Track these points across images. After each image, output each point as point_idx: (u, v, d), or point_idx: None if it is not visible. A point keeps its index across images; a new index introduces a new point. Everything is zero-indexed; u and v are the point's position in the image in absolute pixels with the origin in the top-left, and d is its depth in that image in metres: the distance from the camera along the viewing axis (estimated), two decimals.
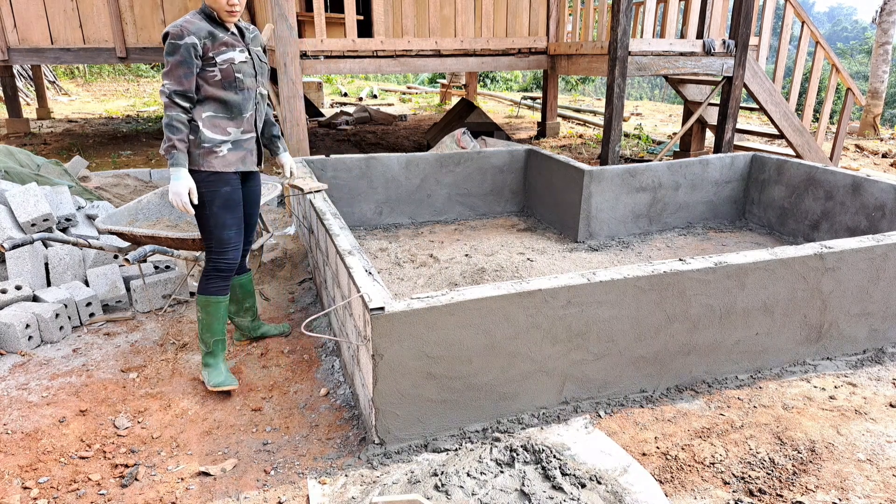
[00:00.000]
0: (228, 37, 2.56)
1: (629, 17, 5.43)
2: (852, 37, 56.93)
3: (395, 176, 5.06)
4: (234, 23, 2.61)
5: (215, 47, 2.51)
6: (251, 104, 2.68)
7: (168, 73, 2.48)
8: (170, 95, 2.47)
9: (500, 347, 2.37)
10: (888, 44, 10.49)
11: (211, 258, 2.71)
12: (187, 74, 2.47)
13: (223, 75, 2.54)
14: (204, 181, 2.58)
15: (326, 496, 2.11)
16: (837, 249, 2.82)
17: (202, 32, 2.48)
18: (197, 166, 2.56)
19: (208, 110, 2.57)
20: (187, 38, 2.43)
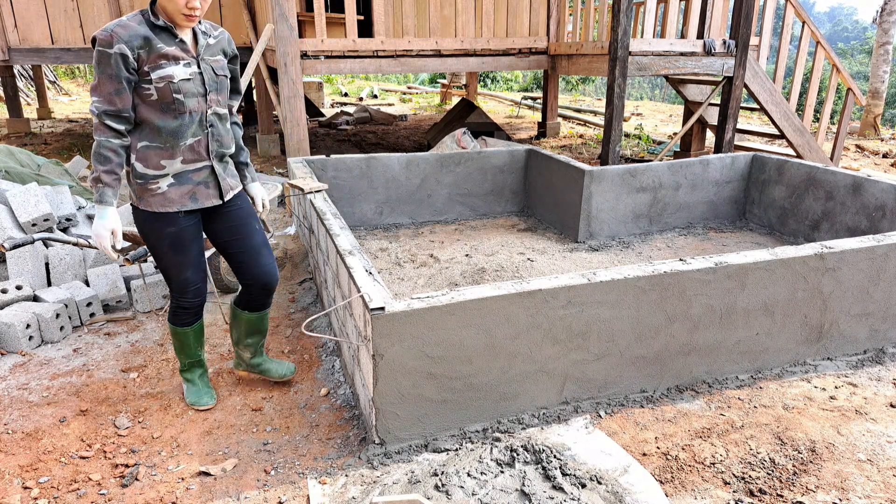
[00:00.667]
0: (172, 46, 2.14)
1: (629, 17, 5.43)
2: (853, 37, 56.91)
3: (395, 176, 5.07)
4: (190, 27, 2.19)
5: (151, 60, 2.09)
6: (193, 129, 2.24)
7: (96, 87, 2.07)
8: (99, 115, 2.08)
9: (500, 347, 2.37)
10: (889, 44, 10.48)
11: (174, 298, 2.48)
12: (119, 90, 2.07)
13: (159, 95, 2.13)
14: (145, 220, 2.25)
15: (327, 496, 2.11)
16: (838, 249, 2.82)
17: (136, 41, 2.06)
18: (136, 203, 2.25)
19: (143, 139, 2.18)
20: (116, 45, 2.02)
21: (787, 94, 6.81)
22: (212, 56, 2.27)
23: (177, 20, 2.11)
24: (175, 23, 2.14)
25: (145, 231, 2.28)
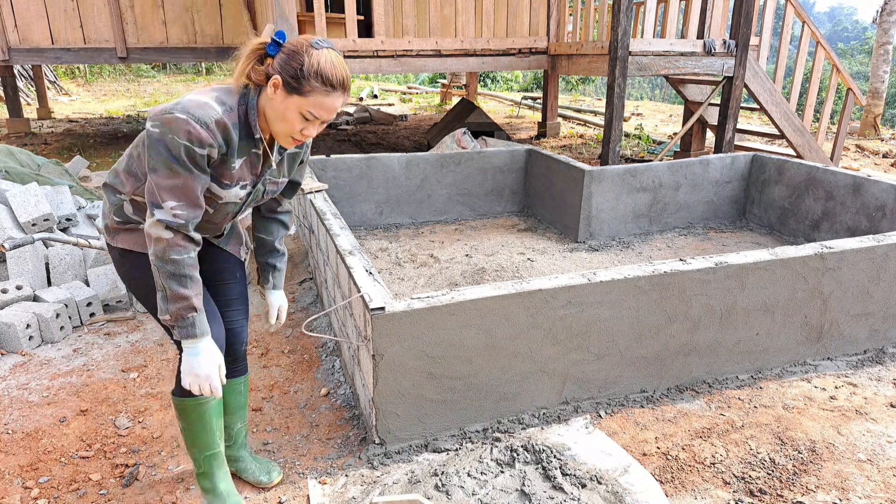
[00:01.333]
0: (244, 164, 1.69)
1: (629, 17, 5.43)
2: (853, 37, 56.90)
3: (395, 176, 5.07)
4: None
5: (217, 169, 1.65)
6: (223, 215, 1.82)
7: (174, 190, 1.54)
8: (179, 227, 1.57)
9: (500, 347, 2.37)
10: (889, 44, 10.48)
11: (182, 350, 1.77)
12: (203, 188, 1.61)
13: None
14: (121, 257, 1.79)
15: (327, 496, 2.11)
16: (838, 249, 2.82)
17: (225, 146, 1.61)
18: (108, 239, 1.79)
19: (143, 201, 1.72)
20: (208, 148, 1.56)
21: (787, 94, 6.81)
22: (275, 177, 1.82)
23: (278, 140, 1.67)
24: (272, 139, 1.73)
25: (126, 271, 1.79)
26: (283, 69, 1.55)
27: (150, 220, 1.57)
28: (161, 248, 1.57)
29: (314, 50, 1.55)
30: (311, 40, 1.58)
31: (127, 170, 1.73)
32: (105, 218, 1.79)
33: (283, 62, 1.56)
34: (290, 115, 1.59)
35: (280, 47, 1.57)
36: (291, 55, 1.55)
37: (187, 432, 1.91)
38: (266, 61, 1.59)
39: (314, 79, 1.54)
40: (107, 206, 1.79)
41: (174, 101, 1.57)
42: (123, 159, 1.76)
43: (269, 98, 1.59)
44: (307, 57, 1.54)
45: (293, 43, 1.58)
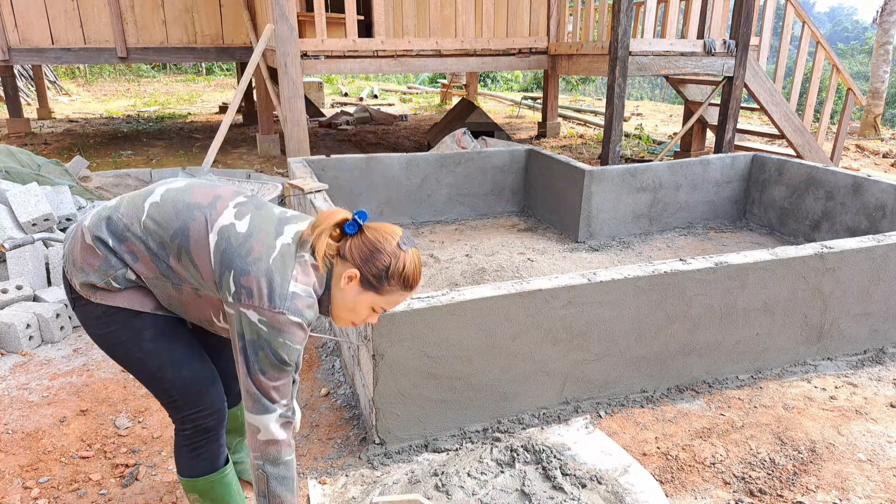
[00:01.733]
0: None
1: (629, 17, 5.43)
2: (853, 37, 56.89)
3: (395, 176, 5.07)
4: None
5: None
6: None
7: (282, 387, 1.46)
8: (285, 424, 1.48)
9: (500, 347, 2.37)
10: (889, 44, 10.48)
11: (187, 420, 1.65)
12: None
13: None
14: (107, 315, 1.53)
15: (327, 496, 2.11)
16: (838, 249, 2.82)
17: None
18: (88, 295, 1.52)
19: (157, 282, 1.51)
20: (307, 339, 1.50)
21: (787, 94, 6.81)
22: None
23: (336, 320, 1.58)
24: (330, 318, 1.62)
25: (104, 330, 1.54)
26: (365, 265, 1.46)
27: (266, 419, 1.43)
28: (276, 451, 1.47)
29: (401, 252, 1.47)
30: (397, 237, 1.48)
31: (155, 262, 1.48)
32: (90, 275, 1.48)
33: (364, 257, 1.46)
34: (360, 308, 1.52)
35: (360, 230, 1.47)
36: (376, 253, 1.45)
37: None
38: (341, 239, 1.49)
39: (396, 282, 1.48)
40: (97, 265, 1.49)
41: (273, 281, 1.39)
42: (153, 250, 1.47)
43: (339, 286, 1.49)
44: (394, 260, 1.46)
45: (378, 239, 1.47)
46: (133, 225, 1.48)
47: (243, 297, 1.39)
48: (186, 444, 1.67)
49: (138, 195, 1.54)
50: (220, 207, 1.49)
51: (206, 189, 1.54)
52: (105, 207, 1.54)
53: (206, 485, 1.69)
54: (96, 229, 1.50)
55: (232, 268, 1.40)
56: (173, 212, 1.48)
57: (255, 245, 1.42)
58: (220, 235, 1.44)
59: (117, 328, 1.53)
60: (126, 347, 1.55)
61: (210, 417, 1.66)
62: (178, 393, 1.61)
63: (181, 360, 1.60)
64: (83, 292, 1.51)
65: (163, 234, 1.46)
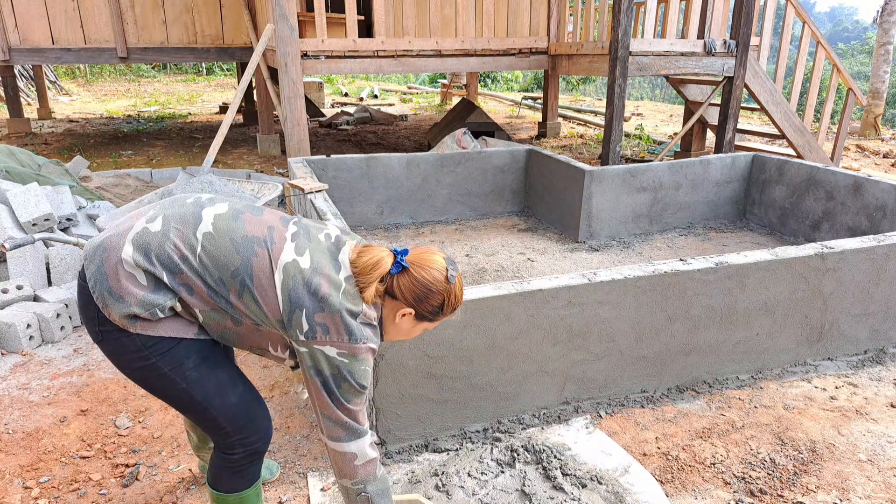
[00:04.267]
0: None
1: (630, 17, 5.43)
2: (853, 37, 56.88)
3: (395, 176, 5.07)
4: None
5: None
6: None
7: (363, 411, 1.50)
8: (374, 443, 1.58)
9: (500, 347, 2.37)
10: (889, 44, 10.48)
11: (236, 446, 1.61)
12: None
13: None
14: (147, 348, 1.45)
15: (327, 496, 2.11)
16: (838, 250, 2.81)
17: None
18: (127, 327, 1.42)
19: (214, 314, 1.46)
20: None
21: (787, 95, 6.81)
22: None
23: (385, 338, 1.60)
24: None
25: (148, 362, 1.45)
26: (419, 305, 1.49)
27: (362, 443, 1.48)
28: (374, 470, 1.51)
29: (451, 286, 1.51)
30: (444, 270, 1.50)
31: (213, 297, 1.43)
32: (132, 307, 1.39)
33: (418, 298, 1.48)
34: (413, 333, 1.59)
35: (404, 269, 1.49)
36: (429, 294, 1.49)
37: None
38: (387, 279, 1.49)
39: (448, 311, 1.54)
40: (141, 295, 1.39)
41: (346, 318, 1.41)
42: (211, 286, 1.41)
43: (393, 319, 1.53)
44: (447, 297, 1.51)
45: (427, 279, 1.48)
46: (188, 258, 1.40)
47: (319, 334, 1.39)
48: (231, 466, 1.63)
49: (185, 222, 1.43)
50: (278, 242, 1.45)
51: (254, 217, 1.49)
52: (146, 232, 1.40)
53: (239, 500, 1.68)
54: (144, 261, 1.38)
55: (304, 306, 1.39)
56: (231, 247, 1.41)
57: (322, 282, 1.41)
58: (286, 273, 1.40)
59: (157, 360, 1.45)
60: (169, 380, 1.47)
61: (259, 442, 1.64)
62: (226, 421, 1.56)
63: (227, 385, 1.56)
64: (121, 323, 1.40)
65: (222, 270, 1.41)
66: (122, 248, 1.39)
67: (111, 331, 1.42)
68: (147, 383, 1.50)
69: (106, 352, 1.46)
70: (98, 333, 1.44)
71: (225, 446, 1.61)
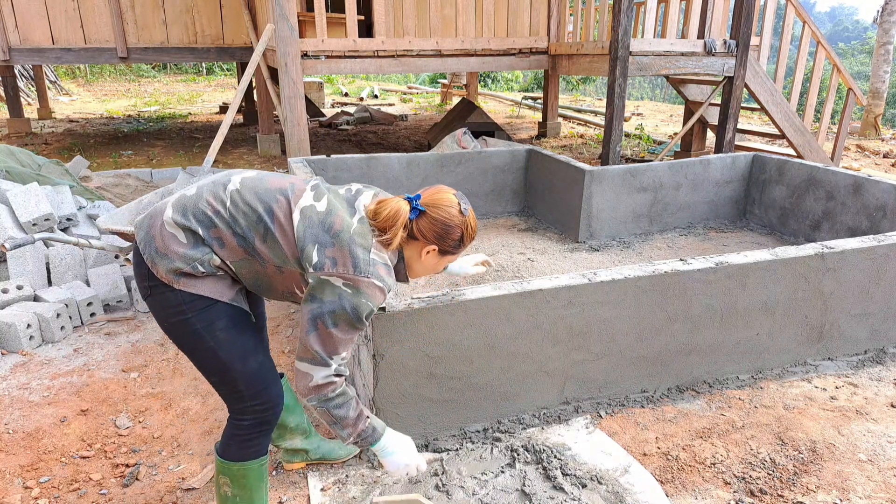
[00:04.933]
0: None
1: (630, 16, 5.42)
2: (853, 37, 56.87)
3: (396, 176, 5.07)
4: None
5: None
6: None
7: (347, 343, 1.59)
8: (339, 372, 1.62)
9: (500, 347, 2.37)
10: (889, 44, 10.48)
11: (247, 412, 1.71)
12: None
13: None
14: (185, 303, 1.58)
15: (327, 496, 2.11)
16: (838, 250, 2.81)
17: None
18: (170, 284, 1.57)
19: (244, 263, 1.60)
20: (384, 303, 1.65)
21: (787, 94, 6.81)
22: None
23: (414, 276, 1.78)
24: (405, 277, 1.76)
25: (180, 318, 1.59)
26: (441, 241, 1.67)
27: (320, 372, 1.58)
28: (325, 393, 1.60)
29: (465, 218, 1.68)
30: (456, 205, 1.66)
31: (242, 245, 1.58)
32: (175, 261, 1.54)
33: (439, 235, 1.66)
34: (439, 266, 1.78)
35: (421, 213, 1.65)
36: (448, 229, 1.66)
37: (244, 499, 1.77)
38: (408, 225, 1.65)
39: (468, 242, 1.73)
40: (182, 252, 1.55)
41: (356, 251, 1.54)
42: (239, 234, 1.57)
43: (418, 258, 1.71)
44: (464, 229, 1.69)
45: (444, 216, 1.64)
46: (219, 212, 1.57)
47: (328, 266, 1.54)
48: (240, 434, 1.73)
49: (216, 185, 1.62)
50: (298, 190, 1.61)
51: (279, 177, 1.67)
52: (184, 196, 1.61)
53: (242, 471, 1.75)
54: (182, 219, 1.56)
55: (316, 241, 1.55)
56: (255, 196, 1.58)
57: (336, 220, 1.57)
58: (303, 214, 1.56)
59: (192, 316, 1.58)
60: (199, 336, 1.61)
61: (270, 411, 1.73)
62: (243, 384, 1.67)
63: (249, 351, 1.67)
64: (167, 278, 1.56)
65: (248, 218, 1.57)
66: (164, 212, 1.59)
67: (157, 286, 1.58)
68: (180, 338, 1.63)
69: (151, 306, 1.62)
70: (147, 289, 1.60)
71: (237, 411, 1.71)
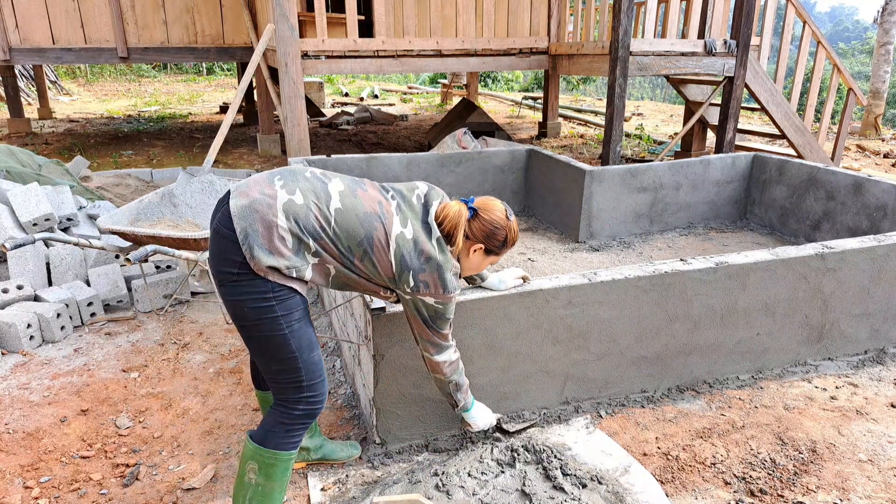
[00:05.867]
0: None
1: (630, 16, 5.42)
2: (854, 37, 56.86)
3: (396, 176, 5.06)
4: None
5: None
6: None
7: (450, 331, 1.97)
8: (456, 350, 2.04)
9: (501, 347, 2.37)
10: (889, 44, 10.47)
11: (302, 402, 1.82)
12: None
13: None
14: (273, 291, 1.70)
15: (327, 496, 2.11)
16: (839, 249, 2.81)
17: None
18: (263, 275, 1.68)
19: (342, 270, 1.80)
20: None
21: (787, 94, 6.81)
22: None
23: (462, 275, 2.04)
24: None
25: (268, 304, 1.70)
26: (488, 241, 1.93)
27: (448, 351, 1.99)
28: (454, 366, 2.03)
29: (510, 222, 1.96)
30: (503, 211, 1.95)
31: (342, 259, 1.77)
32: (280, 261, 1.67)
33: (486, 235, 1.92)
34: (483, 265, 2.03)
35: (476, 213, 1.92)
36: (495, 231, 1.93)
37: (263, 491, 1.84)
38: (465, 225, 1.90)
39: (510, 245, 1.99)
40: (289, 255, 1.69)
41: (440, 273, 1.82)
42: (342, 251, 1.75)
43: (467, 255, 1.97)
44: (509, 232, 1.95)
45: (493, 219, 1.92)
46: (325, 228, 1.73)
47: (422, 288, 1.82)
48: (288, 423, 1.83)
49: (318, 198, 1.75)
50: (388, 216, 1.81)
51: (365, 193, 1.83)
52: (293, 204, 1.70)
53: (273, 459, 1.82)
54: (296, 227, 1.69)
55: (411, 268, 1.80)
56: (357, 221, 1.76)
57: (425, 248, 1.81)
58: (398, 243, 1.79)
59: (277, 304, 1.71)
60: (276, 323, 1.72)
61: (320, 404, 1.87)
62: (305, 373, 1.80)
63: (314, 343, 1.83)
64: (263, 271, 1.67)
65: (351, 240, 1.76)
66: (276, 214, 1.68)
67: (247, 273, 1.67)
68: (258, 324, 1.71)
69: (231, 291, 1.70)
70: (233, 275, 1.68)
71: (292, 401, 1.82)
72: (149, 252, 3.06)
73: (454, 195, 5.29)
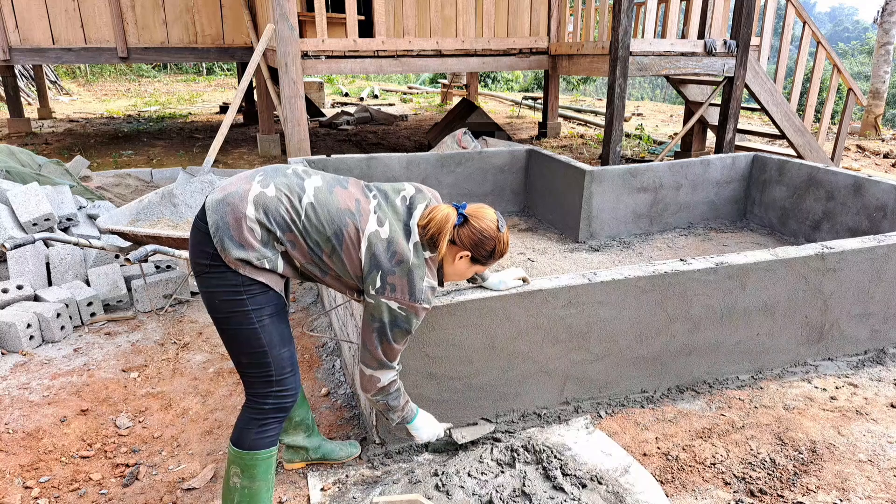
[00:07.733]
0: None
1: (630, 17, 5.42)
2: (853, 37, 56.87)
3: (396, 176, 5.06)
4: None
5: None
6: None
7: (400, 352, 1.88)
8: (398, 371, 1.93)
9: (500, 347, 2.37)
10: (889, 44, 10.47)
11: (270, 396, 1.82)
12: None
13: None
14: (244, 285, 1.71)
15: (327, 496, 2.11)
16: (839, 250, 2.81)
17: None
18: (234, 268, 1.69)
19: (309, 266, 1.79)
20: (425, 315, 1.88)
21: (787, 95, 6.81)
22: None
23: (445, 281, 1.96)
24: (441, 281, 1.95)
25: (240, 297, 1.71)
26: (476, 249, 1.86)
27: (387, 375, 1.88)
28: (387, 390, 1.91)
29: (501, 234, 1.87)
30: (495, 221, 1.86)
31: (310, 253, 1.76)
32: (249, 253, 1.68)
33: (474, 244, 1.85)
34: (468, 273, 1.97)
35: (466, 220, 1.84)
36: (484, 241, 1.85)
37: (248, 493, 1.83)
38: (452, 230, 1.83)
39: (498, 256, 1.91)
40: (257, 246, 1.69)
41: (410, 278, 1.75)
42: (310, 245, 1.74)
43: (452, 262, 1.90)
44: (498, 243, 1.87)
45: (483, 228, 1.84)
46: (296, 221, 1.72)
47: (387, 291, 1.75)
48: (259, 419, 1.83)
49: (291, 191, 1.74)
50: (364, 213, 1.77)
51: (343, 190, 1.81)
52: (264, 196, 1.70)
53: (253, 460, 1.83)
54: (264, 218, 1.69)
55: (380, 268, 1.74)
56: (328, 217, 1.74)
57: (398, 249, 1.75)
58: (370, 241, 1.75)
59: (247, 298, 1.72)
60: (246, 317, 1.73)
61: (290, 399, 1.86)
62: (274, 368, 1.80)
63: (285, 339, 1.82)
64: (234, 264, 1.68)
65: (319, 235, 1.74)
66: (245, 206, 1.68)
67: (220, 265, 1.69)
68: (228, 316, 1.73)
69: (205, 282, 1.73)
70: (206, 267, 1.71)
71: (260, 395, 1.82)
72: (149, 252, 3.06)
73: (454, 195, 5.29)
